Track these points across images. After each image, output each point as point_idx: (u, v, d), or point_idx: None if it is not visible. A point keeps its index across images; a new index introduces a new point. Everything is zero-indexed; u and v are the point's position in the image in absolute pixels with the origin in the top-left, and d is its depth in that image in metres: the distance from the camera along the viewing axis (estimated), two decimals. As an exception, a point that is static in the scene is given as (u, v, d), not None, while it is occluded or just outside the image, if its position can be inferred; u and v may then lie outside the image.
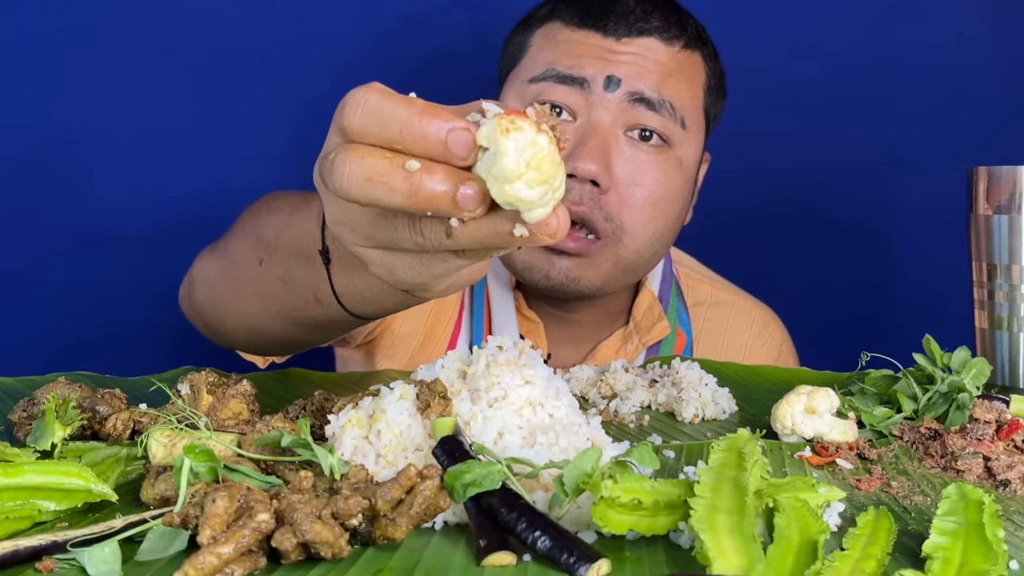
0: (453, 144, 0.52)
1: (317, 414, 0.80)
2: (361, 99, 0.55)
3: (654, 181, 1.20)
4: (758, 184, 1.79)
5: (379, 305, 0.77)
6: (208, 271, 1.00)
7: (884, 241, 1.82)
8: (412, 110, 0.53)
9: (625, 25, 1.20)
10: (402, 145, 0.53)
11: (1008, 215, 1.02)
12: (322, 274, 0.77)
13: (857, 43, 1.78)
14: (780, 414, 0.83)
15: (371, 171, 0.54)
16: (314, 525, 0.54)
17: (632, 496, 0.58)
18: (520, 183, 0.50)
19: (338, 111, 0.57)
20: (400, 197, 0.53)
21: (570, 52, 1.20)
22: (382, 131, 0.54)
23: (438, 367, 0.73)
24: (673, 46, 1.22)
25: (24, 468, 0.62)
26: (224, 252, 0.98)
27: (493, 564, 0.55)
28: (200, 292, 1.01)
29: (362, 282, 0.74)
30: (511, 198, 0.50)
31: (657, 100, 1.19)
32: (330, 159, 0.55)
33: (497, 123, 0.49)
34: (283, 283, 0.84)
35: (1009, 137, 1.73)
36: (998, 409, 0.82)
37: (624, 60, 1.19)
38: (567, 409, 0.70)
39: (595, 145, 1.16)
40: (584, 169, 1.15)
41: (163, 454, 0.67)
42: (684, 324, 1.39)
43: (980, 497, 0.60)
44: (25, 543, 0.55)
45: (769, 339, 1.44)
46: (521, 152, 0.49)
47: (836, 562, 0.54)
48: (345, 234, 0.62)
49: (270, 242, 0.87)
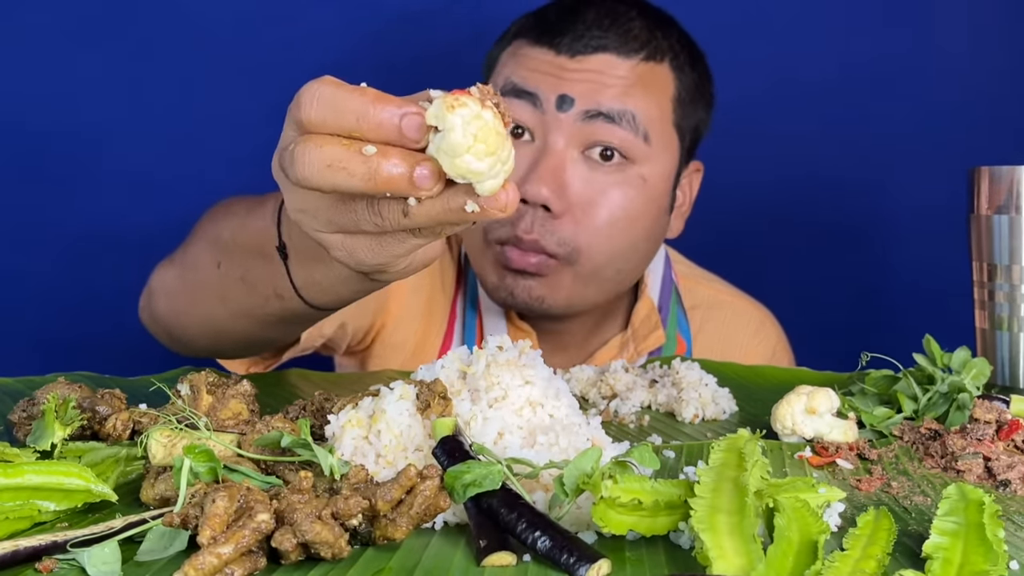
0: (406, 128, 0.55)
1: (317, 414, 0.80)
2: (316, 92, 0.58)
3: (613, 202, 1.18)
4: (758, 185, 1.79)
5: (338, 295, 0.80)
6: (167, 280, 1.01)
7: (884, 241, 1.82)
8: (366, 99, 0.56)
9: (579, 42, 1.18)
10: (359, 132, 0.56)
11: (1008, 215, 1.02)
12: (280, 270, 0.80)
13: (856, 44, 1.78)
14: (780, 414, 0.83)
15: (330, 158, 0.57)
16: (314, 525, 0.54)
17: (632, 496, 0.58)
18: (469, 155, 0.53)
19: (293, 105, 0.59)
20: (359, 181, 0.56)
21: (525, 66, 1.20)
22: (338, 120, 0.57)
23: (438, 367, 0.73)
24: (631, 59, 1.19)
25: (24, 468, 0.62)
26: (183, 260, 0.99)
27: (493, 564, 0.55)
28: (160, 302, 1.02)
29: (320, 273, 0.77)
30: (462, 170, 0.54)
31: (617, 111, 1.17)
32: (289, 150, 0.58)
33: (443, 101, 0.53)
34: (242, 283, 0.87)
35: (1009, 137, 1.73)
36: (998, 409, 0.82)
37: (577, 78, 1.17)
38: (567, 409, 0.70)
39: (546, 168, 1.15)
40: (535, 193, 1.14)
41: (163, 454, 0.67)
42: (684, 331, 1.39)
43: (980, 497, 0.60)
44: (25, 543, 0.55)
45: (764, 338, 1.44)
46: (467, 126, 0.53)
47: (836, 562, 0.54)
48: (306, 221, 0.65)
49: (227, 245, 0.89)
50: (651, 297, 1.36)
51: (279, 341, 1.01)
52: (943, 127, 1.77)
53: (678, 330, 1.37)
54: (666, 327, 1.36)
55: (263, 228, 0.82)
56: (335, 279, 0.77)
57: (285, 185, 0.64)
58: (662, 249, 1.39)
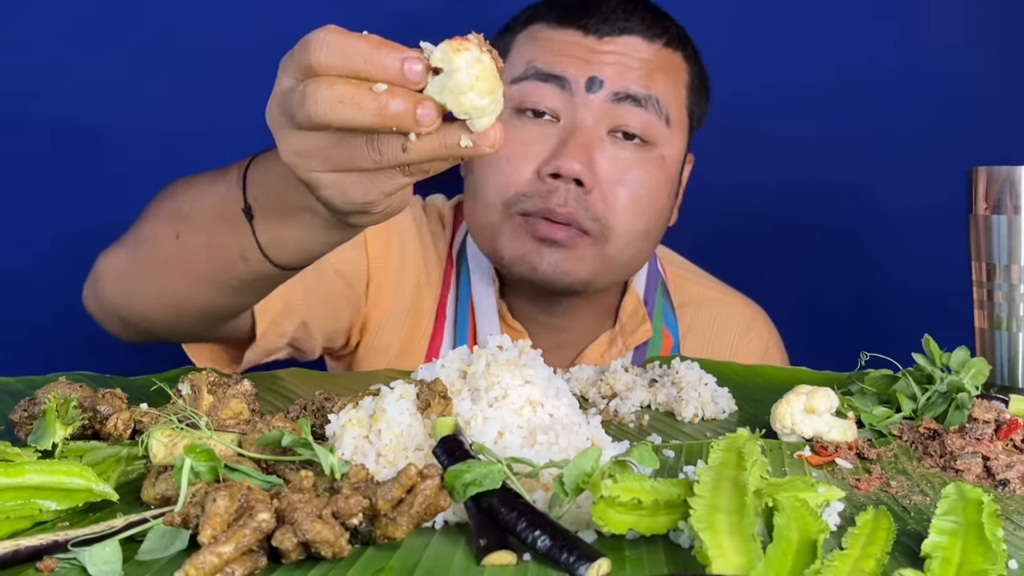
0: (408, 70, 0.62)
1: (317, 414, 0.80)
2: (324, 38, 0.64)
3: (637, 180, 1.20)
4: (757, 185, 1.79)
5: (307, 250, 0.86)
6: (117, 263, 1.02)
7: (884, 241, 1.82)
8: (371, 44, 0.63)
9: (607, 24, 1.20)
10: (366, 73, 0.62)
11: (1007, 215, 1.02)
12: (246, 231, 0.85)
13: (855, 43, 1.78)
14: (780, 414, 0.84)
15: (343, 95, 0.63)
16: (315, 524, 0.54)
17: (632, 496, 0.58)
18: (472, 93, 0.61)
19: (298, 51, 0.66)
20: (370, 115, 0.63)
21: (550, 50, 1.20)
22: (347, 63, 0.63)
23: (438, 367, 0.73)
24: (655, 44, 1.22)
25: (25, 468, 0.62)
26: (135, 240, 1.01)
27: (493, 563, 0.55)
28: (110, 286, 1.03)
29: (289, 230, 0.83)
30: (466, 106, 0.61)
31: (643, 95, 1.19)
32: (299, 91, 0.64)
33: (448, 45, 0.60)
34: (207, 248, 0.91)
35: (1009, 137, 1.73)
36: (997, 409, 0.83)
37: (607, 60, 1.19)
38: (567, 409, 0.70)
39: (577, 144, 1.16)
40: (568, 168, 1.15)
41: (164, 454, 0.67)
42: (671, 325, 1.39)
43: (979, 497, 0.60)
44: (26, 543, 0.55)
45: (755, 336, 1.44)
46: (470, 68, 0.60)
47: (835, 561, 0.54)
48: (302, 163, 0.70)
49: (188, 215, 0.93)
50: (636, 291, 1.36)
51: (241, 309, 1.03)
52: (942, 127, 1.77)
53: (664, 324, 1.37)
54: (652, 320, 1.36)
55: (227, 194, 0.87)
56: (304, 233, 0.83)
57: (283, 129, 0.69)
58: None
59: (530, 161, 1.17)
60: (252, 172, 0.87)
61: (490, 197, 1.19)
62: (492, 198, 1.19)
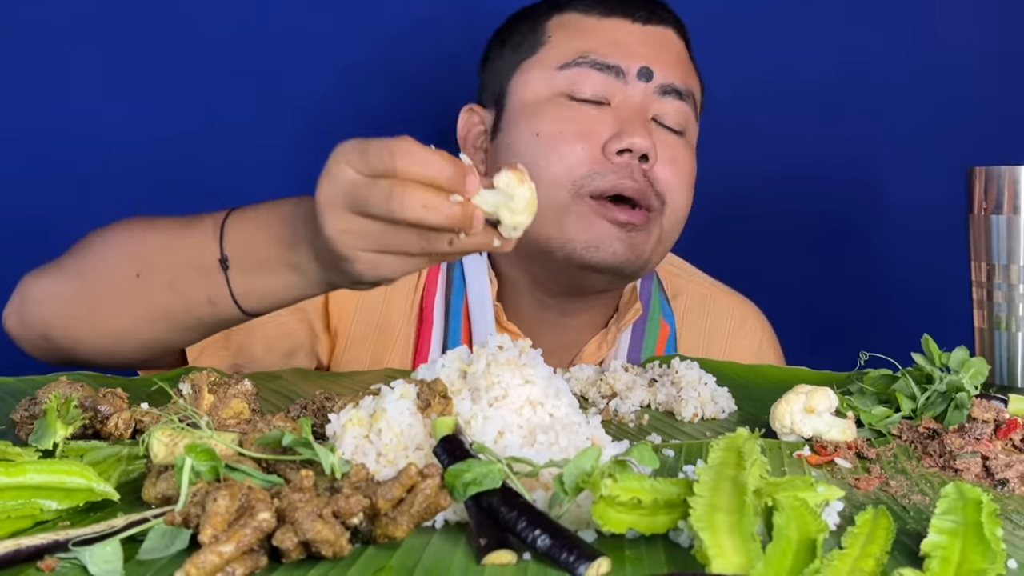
0: (470, 185, 0.77)
1: (318, 413, 0.80)
2: (408, 150, 0.77)
3: (683, 159, 1.25)
4: (756, 184, 1.78)
5: (280, 299, 0.95)
6: (56, 289, 1.05)
7: (883, 241, 1.82)
8: (444, 160, 0.77)
9: (647, 10, 1.26)
10: (440, 184, 0.77)
11: (1007, 215, 1.02)
12: (219, 279, 0.94)
13: (856, 42, 1.78)
14: (779, 413, 0.84)
15: (426, 201, 0.76)
16: (315, 524, 0.54)
17: (632, 495, 0.58)
18: (525, 214, 0.77)
19: (374, 153, 0.78)
20: (443, 219, 0.76)
21: (603, 40, 1.24)
22: (427, 173, 0.77)
23: (438, 367, 0.73)
24: (682, 39, 1.29)
25: (26, 467, 0.62)
26: (80, 269, 1.04)
27: (493, 563, 0.55)
28: (43, 310, 1.05)
29: (265, 281, 0.93)
30: (516, 222, 0.77)
31: (684, 89, 1.25)
32: (383, 189, 0.77)
33: (513, 175, 0.77)
34: (169, 289, 0.97)
35: (1009, 137, 1.73)
36: (996, 408, 0.83)
37: (654, 51, 1.24)
38: (567, 408, 0.70)
39: (640, 122, 1.20)
40: (640, 144, 1.18)
41: (164, 453, 0.67)
42: (667, 315, 1.39)
43: (978, 496, 0.60)
44: (27, 542, 0.56)
45: (749, 333, 1.44)
46: (527, 195, 0.77)
47: (835, 561, 0.54)
48: (348, 240, 0.81)
49: (151, 256, 0.99)
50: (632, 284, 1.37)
51: (181, 345, 1.07)
52: (943, 127, 1.77)
53: (661, 315, 1.38)
54: (649, 308, 1.37)
55: (200, 243, 0.95)
56: (281, 287, 0.93)
57: (336, 210, 0.81)
58: None
59: (594, 140, 1.20)
60: (230, 225, 0.95)
61: (557, 177, 1.19)
62: (560, 178, 1.19)
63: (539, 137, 1.21)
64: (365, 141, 0.81)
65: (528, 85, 1.25)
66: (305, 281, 0.92)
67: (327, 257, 0.87)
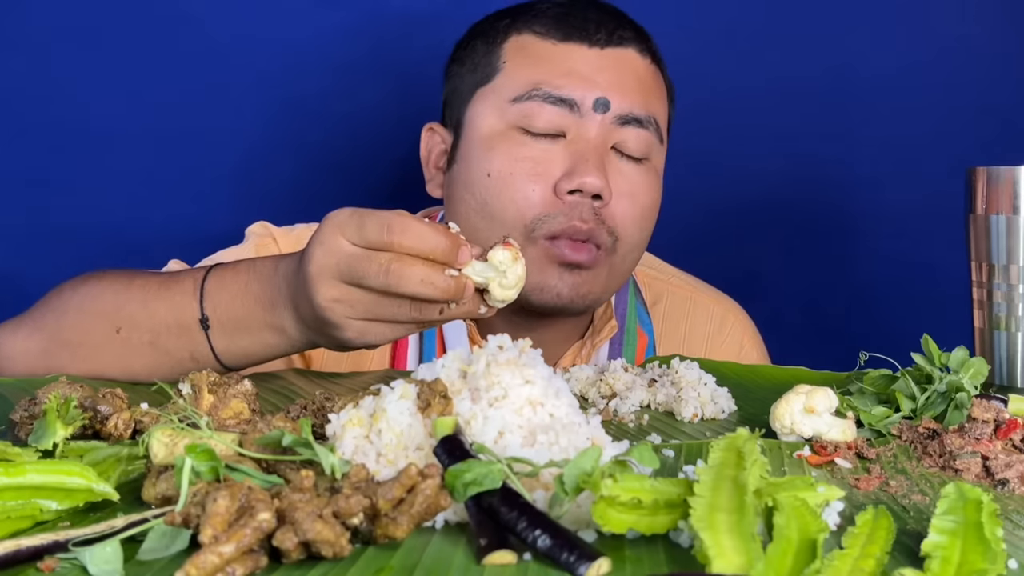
0: (463, 260, 0.82)
1: (318, 413, 0.80)
2: (406, 225, 0.81)
3: (642, 192, 1.22)
4: (755, 184, 1.79)
5: (261, 357, 0.99)
6: (32, 345, 1.05)
7: (882, 241, 1.82)
8: (439, 233, 0.82)
9: (606, 32, 1.21)
10: (436, 257, 0.82)
11: (1006, 215, 1.02)
12: (200, 338, 0.97)
13: (855, 43, 1.79)
14: (779, 413, 0.84)
15: (424, 275, 0.81)
16: (315, 524, 0.54)
17: (632, 495, 0.58)
18: (514, 289, 0.84)
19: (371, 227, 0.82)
20: (439, 292, 0.81)
21: (556, 71, 1.20)
22: (423, 247, 0.81)
23: (439, 367, 0.73)
24: (646, 58, 1.24)
25: (26, 468, 0.62)
26: (58, 325, 1.04)
27: (493, 563, 0.55)
28: (20, 365, 1.05)
29: (246, 341, 0.96)
30: (505, 296, 0.84)
31: (645, 117, 1.21)
32: (381, 265, 0.82)
33: (508, 252, 0.82)
34: (151, 346, 0.99)
35: (1009, 137, 1.73)
36: (996, 408, 0.83)
37: (611, 79, 1.20)
38: (567, 408, 0.70)
39: (595, 160, 1.17)
40: (591, 184, 1.16)
41: (164, 453, 0.67)
42: (645, 324, 1.38)
43: (979, 496, 0.60)
44: (27, 543, 0.55)
45: (729, 333, 1.43)
46: (517, 271, 0.83)
47: (835, 561, 0.54)
48: (339, 309, 0.86)
49: (130, 315, 1.00)
50: None
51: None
52: (942, 127, 1.77)
53: (639, 323, 1.37)
54: (625, 319, 1.36)
55: (181, 303, 0.98)
56: (262, 346, 0.97)
57: (329, 279, 0.84)
58: None
59: (546, 179, 1.17)
60: (210, 285, 0.97)
61: (510, 219, 1.18)
62: (512, 220, 1.18)
63: (490, 177, 1.19)
64: (360, 213, 0.84)
65: (483, 117, 1.22)
66: (287, 341, 0.95)
67: (314, 322, 0.90)
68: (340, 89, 1.68)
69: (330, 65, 1.68)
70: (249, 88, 1.66)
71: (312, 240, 0.87)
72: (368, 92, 1.69)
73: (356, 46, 1.68)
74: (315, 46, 1.67)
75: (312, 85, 1.67)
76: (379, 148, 1.69)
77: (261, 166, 1.68)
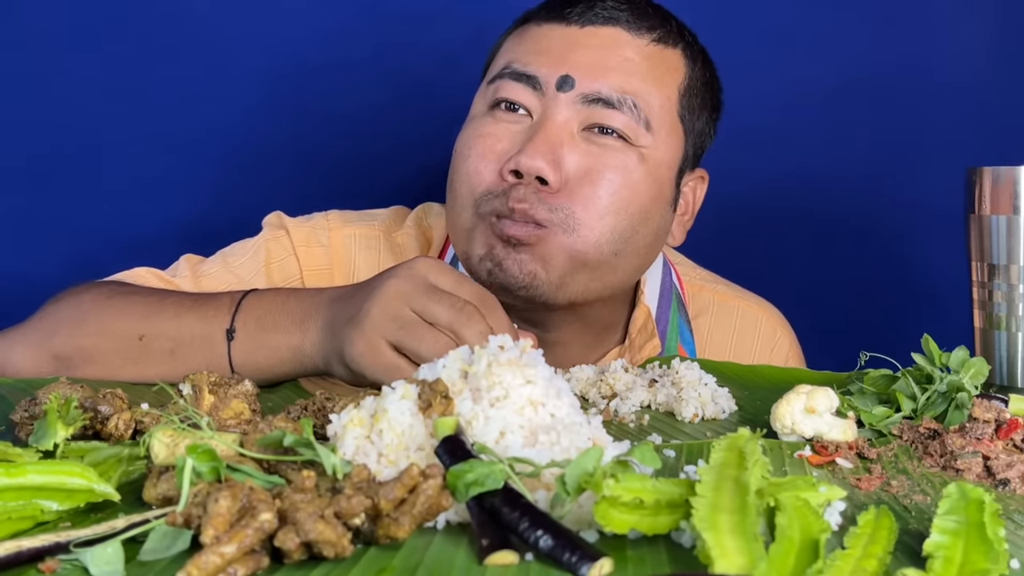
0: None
1: (319, 414, 0.80)
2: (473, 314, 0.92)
3: (612, 174, 1.12)
4: (756, 184, 1.79)
5: (276, 375, 1.02)
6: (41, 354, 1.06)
7: (883, 241, 1.82)
8: (455, 305, 0.93)
9: (591, 11, 1.15)
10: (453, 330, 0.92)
11: (1007, 215, 1.02)
12: (220, 349, 1.01)
13: (857, 43, 1.79)
14: (780, 413, 0.84)
15: (447, 347, 0.86)
16: (317, 525, 0.54)
17: (634, 495, 0.58)
18: None
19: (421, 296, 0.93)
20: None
21: (529, 49, 1.16)
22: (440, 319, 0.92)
23: (439, 367, 0.73)
24: (642, 38, 1.16)
25: (26, 468, 0.62)
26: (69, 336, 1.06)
27: (495, 563, 0.55)
28: (28, 371, 1.06)
29: (263, 358, 1.00)
30: None
31: (617, 98, 1.12)
32: (417, 335, 0.92)
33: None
34: (170, 355, 1.03)
35: (1009, 137, 1.73)
36: (997, 408, 0.83)
37: (582, 58, 1.13)
38: (568, 409, 0.70)
39: (543, 140, 1.11)
40: (527, 164, 1.09)
41: (165, 454, 0.67)
42: (686, 342, 1.32)
43: (981, 496, 0.60)
44: (28, 543, 0.55)
45: (776, 347, 1.39)
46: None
47: (838, 561, 0.54)
48: (369, 363, 0.93)
49: (159, 325, 1.04)
50: (648, 304, 1.29)
51: None
52: (943, 127, 1.77)
53: (680, 340, 1.31)
54: (666, 338, 1.30)
55: (213, 315, 1.02)
56: (278, 365, 1.01)
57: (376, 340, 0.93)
58: (660, 255, 1.31)
59: (499, 158, 1.13)
60: (247, 303, 1.02)
61: (462, 197, 1.16)
62: (464, 197, 1.15)
63: (456, 154, 1.18)
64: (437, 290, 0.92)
65: (474, 103, 1.22)
66: (300, 365, 1.00)
67: (337, 356, 0.96)
68: (340, 89, 1.68)
69: (330, 65, 1.67)
70: (249, 88, 1.66)
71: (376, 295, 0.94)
72: (368, 92, 1.68)
73: (356, 46, 1.68)
74: (315, 46, 1.67)
75: (312, 85, 1.67)
76: (379, 148, 1.69)
77: (261, 166, 1.68)
